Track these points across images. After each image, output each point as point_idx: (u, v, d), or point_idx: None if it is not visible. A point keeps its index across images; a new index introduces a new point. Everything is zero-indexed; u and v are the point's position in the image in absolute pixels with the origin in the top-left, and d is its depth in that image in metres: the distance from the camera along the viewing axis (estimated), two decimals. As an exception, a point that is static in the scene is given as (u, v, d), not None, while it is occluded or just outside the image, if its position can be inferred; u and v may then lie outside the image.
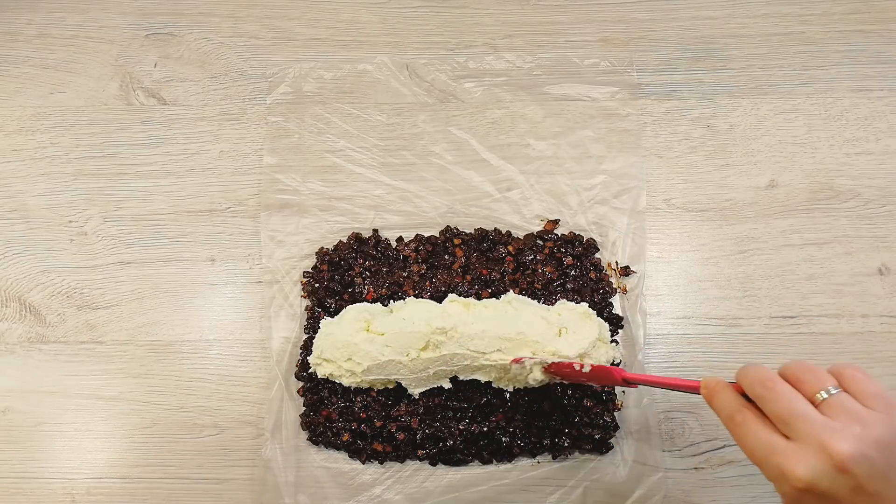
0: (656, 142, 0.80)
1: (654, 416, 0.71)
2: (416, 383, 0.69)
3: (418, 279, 0.74)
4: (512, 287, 0.73)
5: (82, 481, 0.71)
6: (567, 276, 0.74)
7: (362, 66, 0.82)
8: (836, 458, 0.41)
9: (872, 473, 0.41)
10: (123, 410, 0.72)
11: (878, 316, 0.73)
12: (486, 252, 0.75)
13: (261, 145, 0.80)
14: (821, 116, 0.80)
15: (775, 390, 0.45)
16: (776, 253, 0.75)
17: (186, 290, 0.76)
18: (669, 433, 0.71)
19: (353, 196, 0.78)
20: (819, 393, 0.44)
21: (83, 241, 0.77)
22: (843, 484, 0.42)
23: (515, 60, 0.83)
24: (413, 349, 0.67)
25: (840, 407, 0.43)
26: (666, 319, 0.74)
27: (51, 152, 0.80)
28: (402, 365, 0.67)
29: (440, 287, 0.73)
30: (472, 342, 0.66)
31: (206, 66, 0.83)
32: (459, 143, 0.80)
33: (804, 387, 0.45)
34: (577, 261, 0.74)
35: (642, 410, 0.71)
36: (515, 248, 0.75)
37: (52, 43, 0.84)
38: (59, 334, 0.74)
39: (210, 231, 0.77)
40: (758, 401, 0.46)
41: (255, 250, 0.77)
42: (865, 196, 0.77)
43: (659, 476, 0.69)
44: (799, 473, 0.42)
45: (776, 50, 0.83)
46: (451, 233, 0.76)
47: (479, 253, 0.75)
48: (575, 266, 0.74)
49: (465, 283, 0.73)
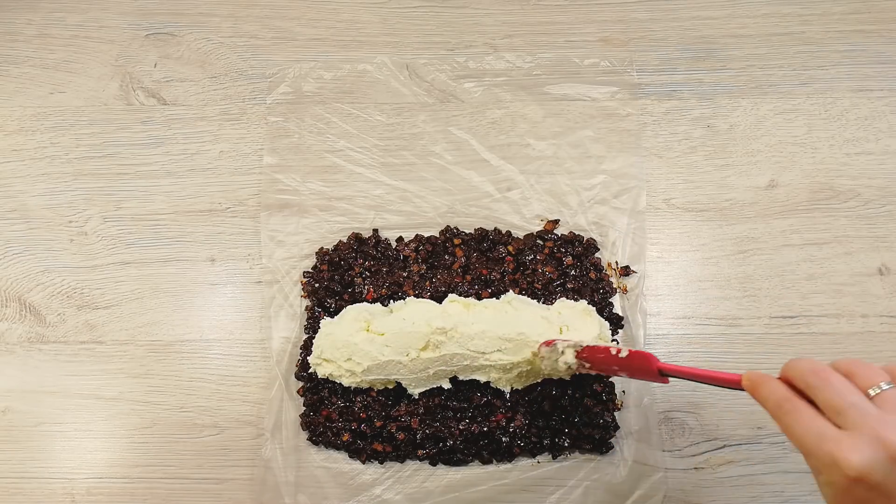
0: (656, 142, 0.80)
1: (654, 416, 0.71)
2: (415, 383, 0.69)
3: (418, 279, 0.74)
4: (512, 287, 0.73)
5: (82, 481, 0.71)
6: (567, 276, 0.74)
7: (362, 66, 0.82)
8: (892, 449, 0.41)
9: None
10: (123, 410, 0.72)
11: (878, 316, 0.73)
12: (486, 252, 0.75)
13: (261, 145, 0.80)
14: (821, 116, 0.80)
15: (829, 380, 0.44)
16: (776, 253, 0.75)
17: (186, 290, 0.76)
18: (669, 433, 0.71)
19: (353, 196, 0.78)
20: (873, 387, 0.44)
21: (83, 241, 0.77)
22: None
23: (515, 60, 0.83)
24: (413, 349, 0.66)
25: (894, 401, 0.43)
26: (666, 319, 0.74)
27: (51, 152, 0.80)
28: (401, 365, 0.67)
29: (440, 287, 0.73)
30: (472, 342, 0.66)
31: (206, 66, 0.83)
32: (459, 143, 0.80)
33: (857, 380, 0.45)
34: (578, 261, 0.74)
35: (642, 410, 0.71)
36: (515, 247, 0.75)
37: (52, 43, 0.84)
38: (59, 334, 0.74)
39: (210, 231, 0.77)
40: (809, 390, 0.45)
41: (255, 250, 0.77)
42: (865, 196, 0.77)
43: (659, 476, 0.69)
44: (853, 462, 0.41)
45: (776, 50, 0.83)
46: (451, 233, 0.76)
47: (479, 253, 0.75)
48: (575, 266, 0.74)
49: (465, 283, 0.73)
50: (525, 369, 0.68)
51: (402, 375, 0.68)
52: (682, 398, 0.71)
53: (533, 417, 0.70)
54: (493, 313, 0.68)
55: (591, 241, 0.75)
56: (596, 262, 0.75)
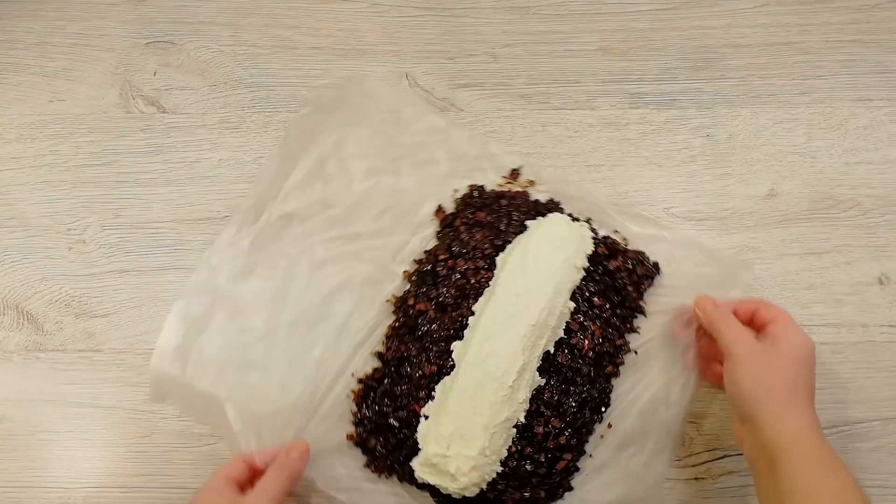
0: (656, 151, 0.80)
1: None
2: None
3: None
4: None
5: (79, 490, 0.70)
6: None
7: (362, 74, 0.83)
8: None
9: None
10: (121, 419, 0.72)
11: (879, 325, 0.73)
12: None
13: (260, 153, 0.80)
14: (820, 126, 0.80)
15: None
16: (776, 262, 0.75)
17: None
18: (669, 443, 0.70)
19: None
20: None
21: (82, 249, 0.77)
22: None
23: (515, 69, 0.83)
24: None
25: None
26: (666, 329, 0.74)
27: (50, 160, 0.80)
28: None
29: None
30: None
31: (206, 74, 0.83)
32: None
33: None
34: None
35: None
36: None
37: (52, 51, 0.84)
38: (57, 342, 0.74)
39: (209, 239, 0.77)
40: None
41: (254, 259, 0.76)
42: (865, 205, 0.77)
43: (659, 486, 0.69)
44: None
45: (776, 59, 0.83)
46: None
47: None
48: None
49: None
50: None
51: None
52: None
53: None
54: (487, 322, 0.65)
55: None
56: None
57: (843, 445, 0.69)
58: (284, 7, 0.86)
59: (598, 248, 0.69)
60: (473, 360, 0.63)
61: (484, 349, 0.63)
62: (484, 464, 0.61)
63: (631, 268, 0.70)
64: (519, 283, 0.65)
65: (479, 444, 0.60)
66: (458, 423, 0.61)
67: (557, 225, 0.69)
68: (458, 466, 0.60)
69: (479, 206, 0.73)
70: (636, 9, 0.86)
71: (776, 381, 0.58)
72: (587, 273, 0.69)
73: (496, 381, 0.62)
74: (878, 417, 0.70)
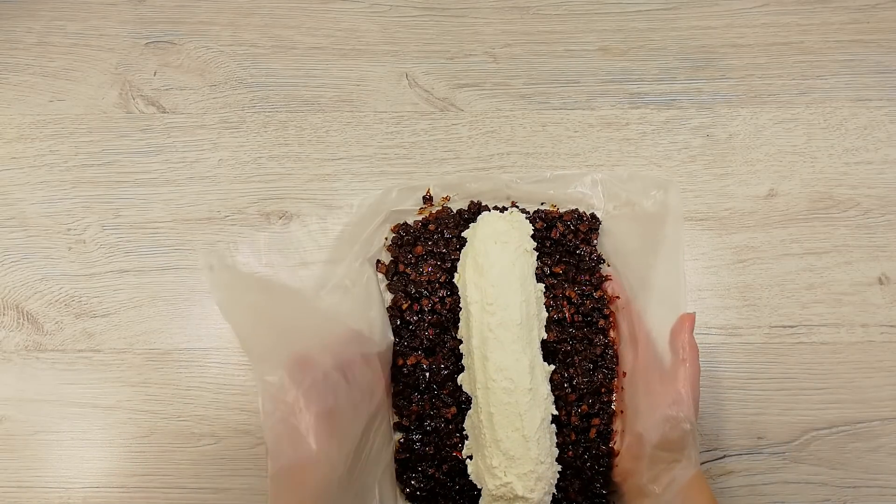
0: (656, 151, 0.80)
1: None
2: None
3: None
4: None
5: (79, 490, 0.70)
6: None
7: (361, 74, 0.83)
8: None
9: None
10: (121, 419, 0.72)
11: (879, 325, 0.73)
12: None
13: (260, 154, 0.80)
14: (820, 126, 0.80)
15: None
16: (776, 262, 0.75)
17: (185, 299, 0.75)
18: (669, 443, 0.70)
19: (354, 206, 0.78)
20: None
21: (81, 249, 0.77)
22: None
23: (515, 69, 0.83)
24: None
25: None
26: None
27: (50, 160, 0.80)
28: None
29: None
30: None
31: (206, 74, 0.83)
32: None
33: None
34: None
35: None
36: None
37: (52, 51, 0.84)
38: (57, 342, 0.74)
39: (209, 239, 0.77)
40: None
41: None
42: (865, 205, 0.77)
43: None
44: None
45: (775, 59, 0.83)
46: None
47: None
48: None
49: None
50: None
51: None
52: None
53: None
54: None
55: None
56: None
57: (843, 445, 0.69)
58: (284, 7, 0.86)
59: (536, 225, 0.71)
60: (485, 383, 0.63)
61: (489, 368, 0.63)
62: (544, 470, 0.61)
63: (574, 228, 0.72)
64: (486, 292, 0.65)
65: (531, 456, 0.61)
66: (501, 448, 0.61)
67: (492, 223, 0.69)
68: (525, 485, 0.60)
69: (413, 241, 0.73)
70: (636, 9, 0.86)
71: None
72: (538, 251, 0.70)
73: (515, 392, 0.62)
74: (878, 417, 0.70)
